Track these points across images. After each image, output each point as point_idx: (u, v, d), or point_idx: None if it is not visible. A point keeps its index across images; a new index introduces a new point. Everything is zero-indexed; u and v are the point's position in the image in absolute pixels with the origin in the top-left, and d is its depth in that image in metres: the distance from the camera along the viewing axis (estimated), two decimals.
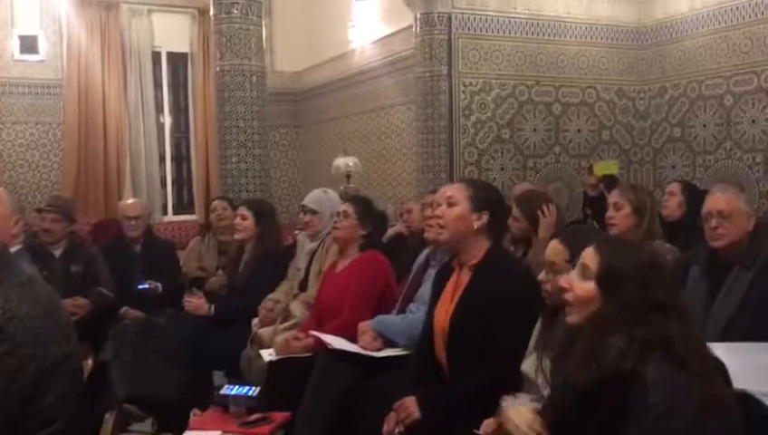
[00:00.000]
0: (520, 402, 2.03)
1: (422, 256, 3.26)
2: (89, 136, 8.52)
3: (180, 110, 9.42)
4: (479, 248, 2.46)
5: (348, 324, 3.12)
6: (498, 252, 2.53)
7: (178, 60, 9.24)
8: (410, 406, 2.36)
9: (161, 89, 9.14)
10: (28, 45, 8.27)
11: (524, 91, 6.64)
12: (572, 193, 6.84)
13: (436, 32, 6.28)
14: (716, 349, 1.74)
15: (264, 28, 5.86)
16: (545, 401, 1.93)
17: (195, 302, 3.98)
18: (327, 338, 3.03)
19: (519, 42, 6.58)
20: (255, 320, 3.74)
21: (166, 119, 9.27)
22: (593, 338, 1.63)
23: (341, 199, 3.84)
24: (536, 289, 2.18)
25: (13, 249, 2.87)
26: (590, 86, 6.91)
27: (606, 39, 6.92)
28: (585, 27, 6.82)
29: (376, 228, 3.56)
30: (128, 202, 5.11)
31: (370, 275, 3.30)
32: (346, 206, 3.46)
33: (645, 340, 1.57)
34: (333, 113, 8.85)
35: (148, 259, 4.62)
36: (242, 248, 4.21)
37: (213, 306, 3.96)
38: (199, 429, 2.84)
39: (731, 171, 6.18)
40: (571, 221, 6.05)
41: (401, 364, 2.83)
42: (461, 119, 6.38)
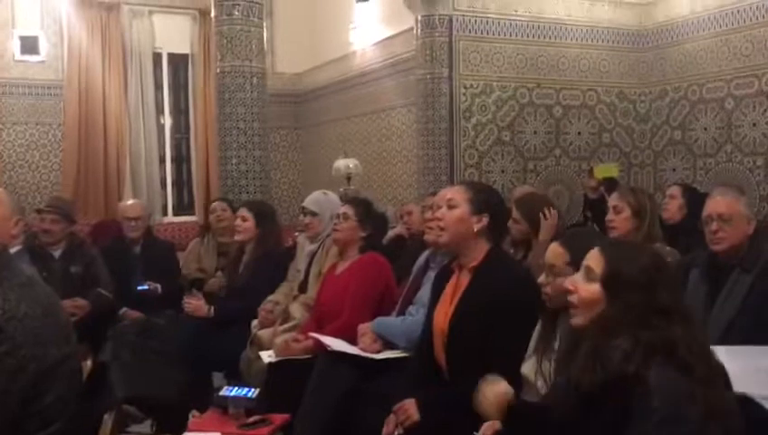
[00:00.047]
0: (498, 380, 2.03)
1: (422, 259, 3.25)
2: (89, 137, 8.53)
3: (181, 111, 9.42)
4: (479, 251, 2.46)
5: (347, 326, 3.12)
6: (498, 254, 2.53)
7: (179, 61, 9.25)
8: (409, 408, 2.35)
9: (162, 90, 9.15)
10: (29, 46, 8.28)
11: (525, 93, 6.64)
12: (573, 196, 6.84)
13: (437, 34, 6.28)
14: (717, 352, 1.74)
15: (265, 30, 5.86)
16: (544, 400, 1.93)
17: (194, 303, 3.97)
18: (327, 340, 3.02)
19: (520, 44, 6.59)
20: (255, 321, 3.74)
21: (166, 120, 9.27)
22: (598, 340, 1.63)
23: (341, 201, 3.84)
24: (536, 291, 2.18)
25: (12, 250, 2.87)
26: (591, 89, 6.91)
27: (607, 42, 6.93)
28: (586, 30, 6.83)
29: (376, 230, 3.56)
30: (128, 203, 5.11)
31: (370, 277, 3.30)
32: (346, 208, 3.45)
33: (649, 343, 1.57)
34: (334, 115, 8.85)
35: (147, 260, 4.62)
36: (242, 250, 4.21)
37: (212, 308, 3.96)
38: (198, 430, 2.83)
39: (731, 174, 6.18)
40: (572, 224, 6.05)
41: (401, 366, 2.83)
42: (462, 121, 6.38)
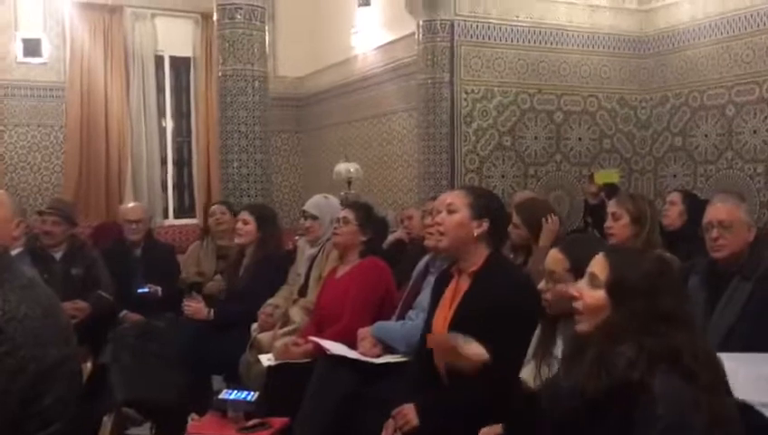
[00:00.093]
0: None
1: (422, 263, 3.25)
2: (91, 139, 8.55)
3: (182, 114, 9.44)
4: (479, 255, 2.46)
5: (347, 330, 3.12)
6: (498, 259, 2.53)
7: (181, 64, 9.27)
8: (408, 413, 2.35)
9: (164, 93, 9.18)
10: (31, 48, 8.30)
11: (526, 98, 6.65)
12: (573, 201, 6.84)
13: (438, 39, 6.30)
14: None
15: (267, 33, 5.86)
16: (544, 399, 1.93)
17: (194, 306, 3.97)
18: (326, 344, 3.02)
19: (521, 50, 6.60)
20: (255, 325, 3.73)
21: (168, 123, 9.29)
22: (603, 347, 1.63)
23: (342, 205, 3.84)
24: (535, 297, 2.18)
25: (14, 252, 2.88)
26: (592, 95, 6.92)
27: (608, 48, 6.94)
28: (587, 36, 6.84)
29: (376, 234, 3.56)
30: (129, 206, 5.11)
31: (371, 282, 3.30)
32: (346, 212, 3.45)
33: (653, 351, 1.57)
34: (335, 119, 8.86)
35: (148, 263, 4.62)
36: (242, 253, 4.20)
37: (212, 311, 3.96)
38: (197, 433, 2.84)
39: (732, 181, 6.18)
40: (572, 230, 6.05)
41: (400, 371, 2.82)
42: (462, 126, 6.39)
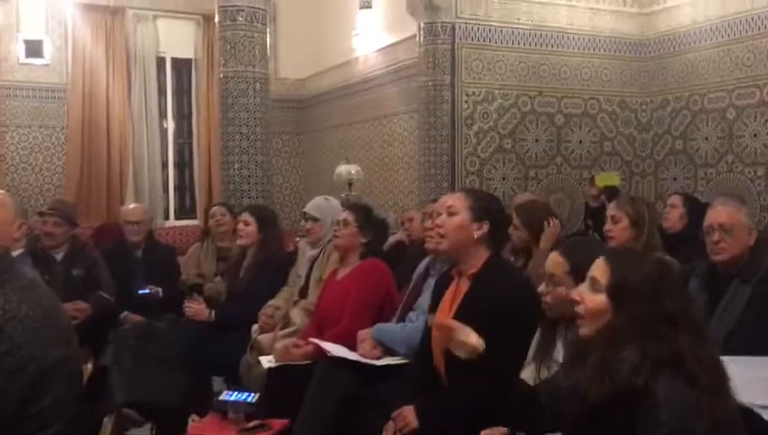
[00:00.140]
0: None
1: (422, 266, 3.26)
2: (92, 140, 8.55)
3: (183, 115, 9.45)
4: (479, 258, 2.46)
5: (348, 332, 3.12)
6: (497, 262, 2.53)
7: (182, 66, 9.28)
8: (408, 415, 2.35)
9: (165, 94, 9.18)
10: (33, 49, 8.31)
11: (527, 101, 6.65)
12: (574, 204, 6.84)
13: (439, 41, 6.30)
14: None
15: (269, 35, 5.87)
16: (544, 396, 1.93)
17: (195, 307, 3.97)
18: (326, 345, 3.02)
19: (522, 52, 6.60)
20: (255, 326, 3.74)
21: (169, 124, 9.30)
22: (605, 351, 1.62)
23: (343, 207, 3.84)
24: (535, 299, 2.18)
25: (15, 253, 2.88)
26: (593, 97, 6.92)
27: (609, 51, 6.94)
28: (588, 39, 6.84)
29: (376, 236, 3.56)
30: (130, 207, 5.12)
31: (371, 284, 3.30)
32: (346, 214, 3.46)
33: (657, 355, 1.56)
34: (336, 121, 8.86)
35: (149, 264, 4.63)
36: (243, 254, 4.21)
37: (213, 312, 3.96)
38: (198, 434, 2.84)
39: (732, 184, 6.18)
40: (573, 232, 6.05)
41: (400, 373, 2.83)
42: (463, 128, 6.39)
